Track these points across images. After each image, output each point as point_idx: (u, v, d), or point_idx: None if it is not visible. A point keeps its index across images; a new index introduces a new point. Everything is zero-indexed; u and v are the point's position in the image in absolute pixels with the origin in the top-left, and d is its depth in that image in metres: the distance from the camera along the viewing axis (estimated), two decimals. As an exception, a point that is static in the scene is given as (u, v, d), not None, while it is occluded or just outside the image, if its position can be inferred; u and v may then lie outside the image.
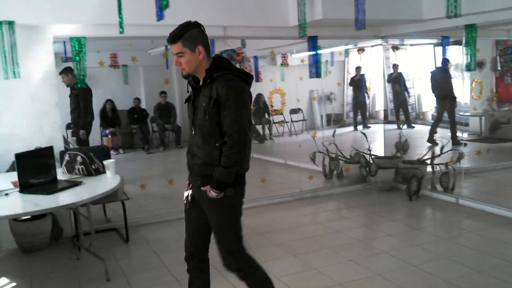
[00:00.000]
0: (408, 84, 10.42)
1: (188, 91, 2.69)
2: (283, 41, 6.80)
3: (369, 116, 12.89)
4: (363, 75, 11.77)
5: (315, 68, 5.80)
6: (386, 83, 9.32)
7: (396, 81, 9.70)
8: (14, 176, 3.65)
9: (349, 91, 12.75)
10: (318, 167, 6.75)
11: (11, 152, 4.58)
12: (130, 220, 4.89)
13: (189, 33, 2.49)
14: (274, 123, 11.72)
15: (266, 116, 11.61)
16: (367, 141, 6.35)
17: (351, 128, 11.68)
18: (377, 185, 6.10)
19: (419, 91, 10.93)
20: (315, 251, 4.27)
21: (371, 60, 11.97)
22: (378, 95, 13.02)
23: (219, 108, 2.47)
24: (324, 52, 8.27)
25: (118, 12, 4.21)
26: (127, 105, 11.20)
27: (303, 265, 3.97)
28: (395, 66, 9.60)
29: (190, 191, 2.69)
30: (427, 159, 6.26)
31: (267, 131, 11.31)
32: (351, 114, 12.63)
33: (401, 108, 10.09)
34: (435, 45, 8.49)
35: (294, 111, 11.70)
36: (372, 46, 9.50)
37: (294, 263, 4.03)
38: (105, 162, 3.93)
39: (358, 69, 11.66)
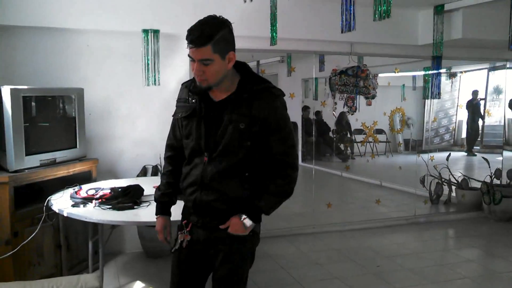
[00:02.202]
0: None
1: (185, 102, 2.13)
2: (381, 60, 6.64)
3: (454, 143, 12.43)
4: (480, 99, 11.31)
5: (437, 88, 5.61)
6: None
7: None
8: (154, 181, 3.68)
9: (430, 117, 12.36)
10: (419, 191, 6.52)
11: (142, 157, 4.70)
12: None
13: (222, 34, 1.90)
14: (356, 142, 11.54)
15: (348, 135, 11.46)
16: (489, 167, 6.05)
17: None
18: (496, 214, 5.79)
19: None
20: (454, 279, 4.05)
21: (463, 86, 11.54)
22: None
23: (264, 130, 2.00)
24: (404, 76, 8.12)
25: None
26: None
27: (446, 294, 3.77)
28: (474, 93, 9.28)
29: (187, 236, 2.12)
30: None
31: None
32: (435, 140, 12.20)
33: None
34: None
35: (378, 132, 11.46)
36: (467, 71, 9.26)
37: (438, 291, 3.84)
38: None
39: (475, 93, 11.20)
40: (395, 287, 3.87)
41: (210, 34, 1.86)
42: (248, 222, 2.03)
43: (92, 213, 3.01)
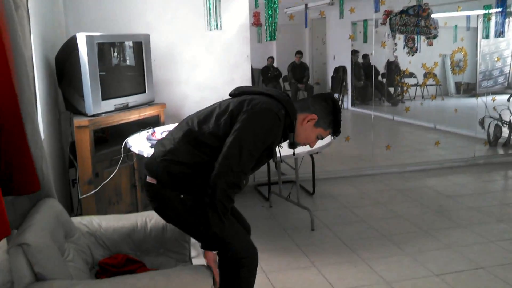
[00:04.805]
0: None
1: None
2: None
3: (508, 86, 11.98)
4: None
5: (502, 27, 5.40)
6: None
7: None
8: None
9: (484, 59, 11.89)
10: (477, 133, 6.42)
11: (205, 100, 4.77)
12: (305, 173, 4.93)
13: None
14: (407, 86, 11.29)
15: (399, 78, 11.22)
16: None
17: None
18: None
19: None
20: (520, 218, 4.07)
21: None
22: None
23: None
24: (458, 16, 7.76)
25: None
26: (261, 63, 11.31)
27: (513, 232, 3.80)
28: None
29: None
30: None
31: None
32: (483, 84, 11.78)
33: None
34: None
35: (430, 74, 11.15)
36: None
37: (508, 228, 3.85)
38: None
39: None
40: (460, 224, 3.92)
41: None
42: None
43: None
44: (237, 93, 2.25)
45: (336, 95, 11.18)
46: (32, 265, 1.80)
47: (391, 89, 10.92)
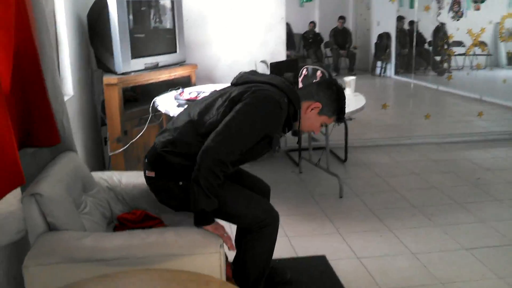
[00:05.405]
0: None
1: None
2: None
3: None
4: None
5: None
6: None
7: None
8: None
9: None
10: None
11: (238, 63, 4.72)
12: (338, 140, 4.82)
13: None
14: (454, 55, 10.82)
15: (446, 47, 10.75)
16: None
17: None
18: None
19: None
20: None
21: None
22: None
23: None
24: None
25: None
26: (302, 29, 11.07)
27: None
28: None
29: None
30: None
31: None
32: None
33: None
34: None
35: (480, 43, 10.62)
36: None
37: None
38: (346, 79, 3.82)
39: None
40: (497, 199, 3.74)
41: None
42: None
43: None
44: (240, 82, 2.17)
45: (379, 63, 10.86)
46: (45, 215, 1.81)
47: (438, 58, 10.50)
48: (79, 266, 1.70)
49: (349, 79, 3.78)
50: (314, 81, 2.31)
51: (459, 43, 10.74)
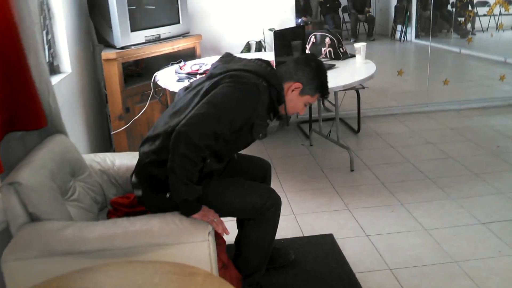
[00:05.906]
0: None
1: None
2: None
3: None
4: None
5: None
6: None
7: None
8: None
9: None
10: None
11: (245, 32, 4.55)
12: (351, 110, 4.64)
13: None
14: (478, 16, 10.36)
15: (470, 8, 10.29)
16: None
17: None
18: None
19: None
20: None
21: None
22: None
23: None
24: None
25: None
26: (319, -7, 10.70)
27: None
28: None
29: None
30: None
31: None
32: None
33: None
34: None
35: (506, 2, 10.13)
36: None
37: None
38: (356, 45, 3.62)
39: None
40: (518, 169, 3.56)
41: None
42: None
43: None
44: (217, 73, 2.01)
45: (399, 27, 10.46)
46: (25, 205, 1.73)
47: (461, 19, 10.06)
48: (59, 260, 1.62)
49: (359, 46, 3.58)
50: (292, 59, 2.13)
51: (484, 3, 10.27)
